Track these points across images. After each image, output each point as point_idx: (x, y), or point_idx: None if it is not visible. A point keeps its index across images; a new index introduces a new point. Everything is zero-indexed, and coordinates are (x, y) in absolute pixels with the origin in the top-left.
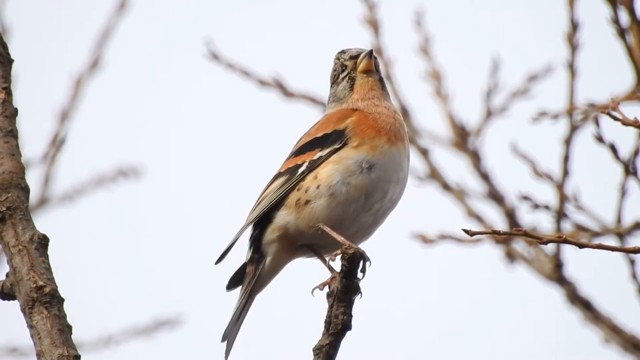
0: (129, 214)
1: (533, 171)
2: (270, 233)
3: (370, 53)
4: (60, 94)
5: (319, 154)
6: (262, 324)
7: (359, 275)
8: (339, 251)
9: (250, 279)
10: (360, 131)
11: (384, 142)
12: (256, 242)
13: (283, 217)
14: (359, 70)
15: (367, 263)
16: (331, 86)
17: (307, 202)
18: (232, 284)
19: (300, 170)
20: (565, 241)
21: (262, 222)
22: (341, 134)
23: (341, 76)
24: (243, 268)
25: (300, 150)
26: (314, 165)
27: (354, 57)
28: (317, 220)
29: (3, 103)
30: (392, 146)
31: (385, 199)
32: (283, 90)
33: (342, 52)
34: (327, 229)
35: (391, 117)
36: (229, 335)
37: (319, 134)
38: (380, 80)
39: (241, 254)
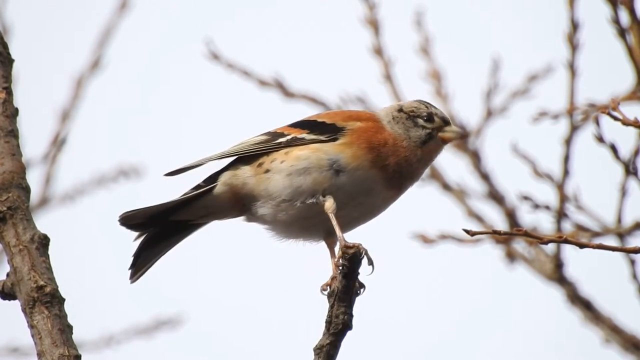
0: None
1: (533, 171)
2: (231, 174)
3: (465, 135)
4: (61, 94)
5: (304, 135)
6: (263, 323)
7: (365, 262)
8: (340, 253)
9: (187, 192)
10: (357, 137)
11: (367, 161)
12: (214, 175)
13: (246, 174)
14: (444, 137)
15: (364, 253)
16: (402, 111)
17: (267, 171)
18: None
19: (281, 139)
20: (566, 241)
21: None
22: (335, 129)
23: (422, 123)
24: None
25: (297, 125)
26: (292, 142)
27: (446, 122)
28: (267, 191)
29: (4, 103)
30: (371, 169)
31: (340, 212)
32: (283, 90)
33: (434, 106)
34: (333, 218)
35: (403, 170)
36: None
37: (320, 120)
38: None
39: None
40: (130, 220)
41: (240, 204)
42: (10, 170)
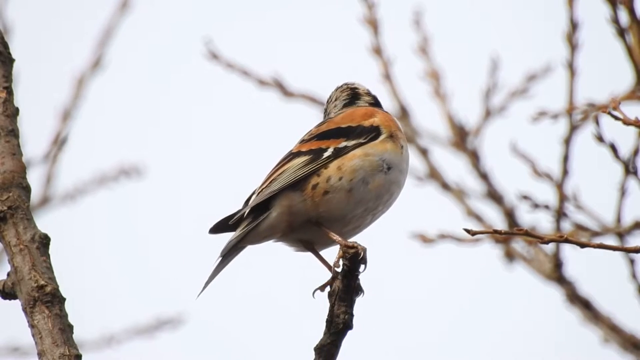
0: (131, 213)
1: (533, 171)
2: (283, 198)
3: None
4: (62, 93)
5: (344, 144)
6: (264, 323)
7: (360, 268)
8: (340, 253)
9: (248, 224)
10: (388, 126)
11: (404, 145)
12: (263, 203)
13: (298, 199)
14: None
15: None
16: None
17: (326, 192)
18: (215, 230)
19: (325, 155)
20: (567, 241)
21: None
22: (365, 130)
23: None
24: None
25: (324, 135)
26: (339, 154)
27: None
28: (330, 212)
29: (4, 102)
30: (406, 149)
31: (389, 201)
32: (282, 90)
33: None
34: (325, 229)
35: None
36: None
37: (344, 125)
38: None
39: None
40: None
41: (290, 228)
42: (11, 169)
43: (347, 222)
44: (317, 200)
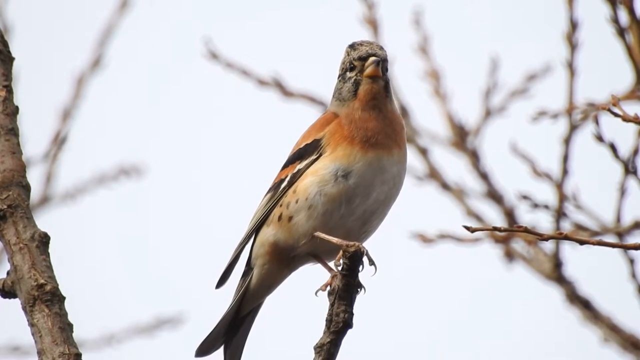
0: (131, 213)
1: (532, 170)
2: (258, 247)
3: (378, 62)
4: (62, 92)
5: (298, 167)
6: (263, 322)
7: (366, 263)
8: (340, 253)
9: (237, 292)
10: (334, 140)
11: (357, 151)
12: (248, 255)
13: (270, 233)
14: (365, 75)
15: (366, 258)
16: (338, 78)
17: (290, 218)
18: (222, 282)
19: (282, 186)
20: (566, 238)
21: (255, 235)
22: (318, 143)
23: (348, 75)
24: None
25: (287, 163)
26: (293, 179)
27: (363, 59)
28: (301, 234)
29: (4, 101)
30: (366, 153)
31: (368, 201)
32: (282, 90)
33: (353, 47)
34: (322, 235)
35: (377, 127)
36: (215, 348)
37: (302, 145)
38: (386, 85)
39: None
40: (207, 350)
41: (286, 261)
42: (11, 168)
43: (326, 232)
44: (287, 228)
